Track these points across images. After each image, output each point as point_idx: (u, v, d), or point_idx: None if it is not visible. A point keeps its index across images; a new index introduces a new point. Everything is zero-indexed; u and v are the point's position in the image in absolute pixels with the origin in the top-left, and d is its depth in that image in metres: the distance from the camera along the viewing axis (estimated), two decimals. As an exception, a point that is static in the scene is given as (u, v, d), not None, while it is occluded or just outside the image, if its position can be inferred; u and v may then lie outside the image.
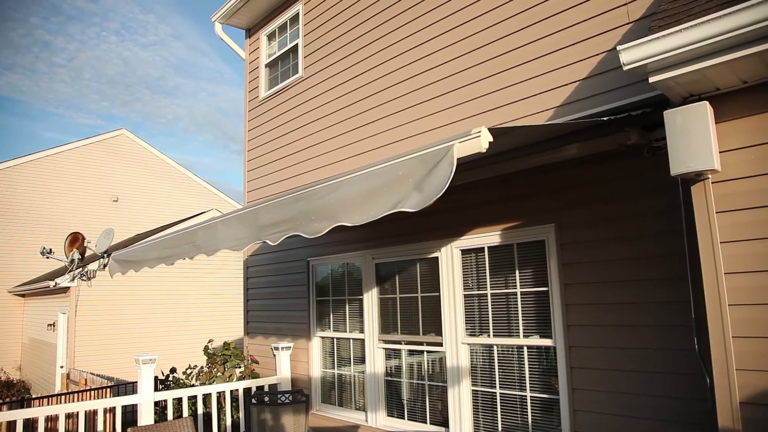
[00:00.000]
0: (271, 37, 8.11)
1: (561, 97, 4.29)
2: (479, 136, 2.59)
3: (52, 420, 8.55)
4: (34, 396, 10.62)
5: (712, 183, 2.88)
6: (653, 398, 3.75)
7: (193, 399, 6.37)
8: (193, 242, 4.57)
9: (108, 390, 10.70)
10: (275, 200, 3.68)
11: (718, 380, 2.78)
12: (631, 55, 2.75)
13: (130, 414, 7.69)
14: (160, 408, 6.65)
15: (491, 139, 2.62)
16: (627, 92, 3.88)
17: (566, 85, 4.27)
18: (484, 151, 2.59)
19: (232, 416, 6.52)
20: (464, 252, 5.11)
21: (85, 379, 12.14)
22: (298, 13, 7.40)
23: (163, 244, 5.03)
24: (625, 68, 2.80)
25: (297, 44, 7.35)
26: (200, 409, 6.06)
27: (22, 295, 19.17)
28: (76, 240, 13.75)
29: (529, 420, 4.50)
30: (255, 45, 8.30)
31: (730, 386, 2.72)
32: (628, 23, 3.99)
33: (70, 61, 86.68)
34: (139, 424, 5.53)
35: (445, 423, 5.14)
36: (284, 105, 7.45)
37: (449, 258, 5.16)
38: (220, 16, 8.17)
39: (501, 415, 4.70)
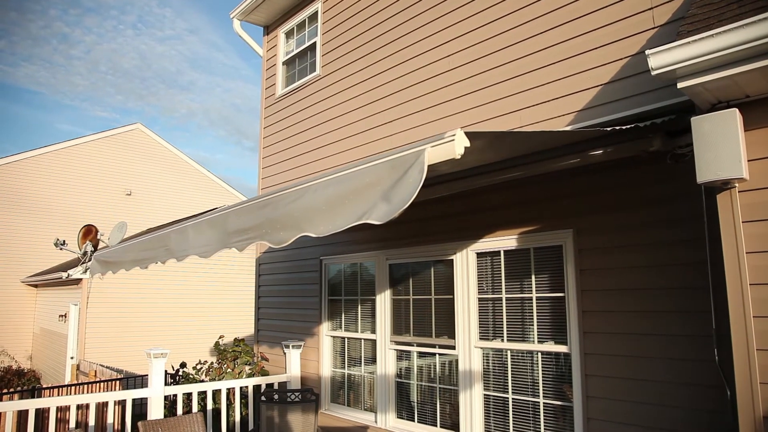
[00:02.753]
0: (289, 34, 8.11)
1: (582, 101, 4.24)
2: (453, 140, 2.32)
3: (61, 410, 8.60)
4: (45, 386, 10.70)
5: (739, 192, 2.82)
6: (670, 409, 3.69)
7: (202, 394, 6.37)
8: (166, 246, 4.37)
9: (117, 382, 10.76)
10: (244, 205, 3.50)
11: (740, 393, 2.72)
12: (661, 60, 2.70)
13: (138, 407, 7.73)
14: (169, 402, 6.67)
15: (467, 144, 2.38)
16: (650, 98, 3.81)
17: (588, 89, 4.22)
18: (459, 157, 2.35)
19: (241, 413, 6.51)
20: (480, 255, 5.07)
21: (95, 371, 12.23)
22: (317, 12, 7.40)
23: (138, 246, 4.85)
24: (654, 73, 2.75)
25: (315, 42, 7.34)
26: (209, 405, 6.06)
27: (35, 286, 19.35)
28: (89, 232, 13.87)
29: (542, 427, 4.45)
30: (273, 42, 8.31)
31: (753, 399, 2.66)
32: (653, 28, 3.93)
33: (87, 53, 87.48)
34: (148, 418, 5.53)
35: (455, 426, 5.10)
36: (301, 103, 7.44)
37: (464, 261, 5.12)
38: (239, 13, 8.19)
39: (513, 420, 4.65)
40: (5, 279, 18.98)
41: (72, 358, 15.14)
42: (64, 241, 13.85)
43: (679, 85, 2.75)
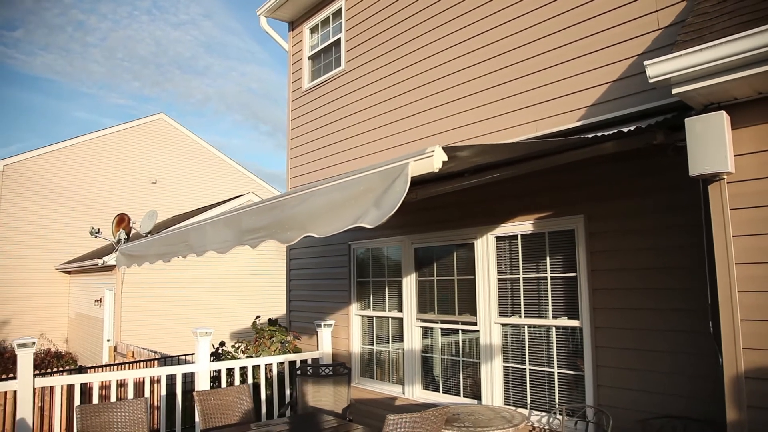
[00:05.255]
0: (313, 30, 8.51)
1: (591, 98, 4.61)
2: (432, 156, 2.68)
3: (107, 387, 9.26)
4: (89, 366, 11.41)
5: (727, 183, 3.22)
6: (671, 375, 4.13)
7: (242, 370, 6.92)
8: (186, 242, 4.72)
9: (155, 362, 11.43)
10: (256, 206, 3.89)
11: (726, 358, 3.15)
12: (657, 70, 3.09)
13: (172, 386, 8.28)
14: (210, 378, 7.22)
15: (445, 159, 2.71)
16: (655, 95, 4.16)
17: (597, 86, 4.58)
18: (437, 170, 2.69)
19: (278, 386, 7.06)
20: (499, 239, 5.51)
21: (132, 352, 12.92)
22: (340, 9, 7.78)
23: (160, 241, 5.22)
24: (651, 81, 3.14)
25: (339, 38, 7.74)
26: (249, 380, 6.60)
27: (68, 272, 20.18)
28: (122, 220, 14.55)
29: (556, 394, 4.92)
30: (298, 38, 8.72)
31: (737, 363, 3.09)
32: (657, 29, 4.28)
33: (103, 40, 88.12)
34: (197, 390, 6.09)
35: (476, 396, 5.59)
36: (327, 96, 7.87)
37: (485, 244, 5.57)
38: (265, 10, 8.59)
39: (530, 389, 5.13)
40: (41, 266, 19.85)
41: (108, 340, 15.91)
42: (99, 229, 14.55)
43: (674, 91, 3.14)
